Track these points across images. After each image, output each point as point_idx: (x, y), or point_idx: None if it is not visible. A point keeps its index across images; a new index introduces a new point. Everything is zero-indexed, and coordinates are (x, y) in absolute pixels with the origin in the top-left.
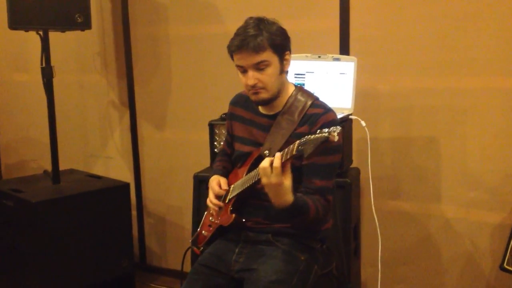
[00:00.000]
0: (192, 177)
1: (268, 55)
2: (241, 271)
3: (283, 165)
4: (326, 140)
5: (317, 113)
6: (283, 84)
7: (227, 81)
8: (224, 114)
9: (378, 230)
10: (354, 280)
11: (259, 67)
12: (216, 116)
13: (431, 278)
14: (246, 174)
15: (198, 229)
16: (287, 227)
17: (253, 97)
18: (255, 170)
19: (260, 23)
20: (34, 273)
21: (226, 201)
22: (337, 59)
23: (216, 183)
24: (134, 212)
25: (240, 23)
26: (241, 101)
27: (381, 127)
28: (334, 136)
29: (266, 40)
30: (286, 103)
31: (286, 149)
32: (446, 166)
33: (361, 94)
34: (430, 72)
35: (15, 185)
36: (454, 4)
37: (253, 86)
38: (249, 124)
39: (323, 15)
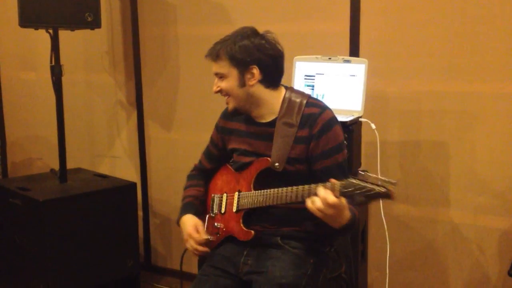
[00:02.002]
0: None
1: (225, 67)
2: (249, 274)
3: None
4: (387, 196)
5: (314, 113)
6: (253, 96)
7: None
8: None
9: (387, 234)
10: (361, 284)
11: (218, 76)
12: None
13: (437, 283)
14: (253, 186)
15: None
16: (295, 230)
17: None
18: (284, 191)
19: (237, 34)
20: (40, 272)
21: (234, 210)
22: (348, 61)
23: (193, 228)
24: (140, 212)
25: (248, 24)
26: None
27: (389, 130)
28: (393, 192)
29: (225, 51)
30: (280, 108)
31: (339, 185)
32: (454, 171)
33: (370, 97)
34: (440, 76)
35: (22, 183)
36: (465, 8)
37: (218, 93)
38: (245, 135)
39: (334, 17)
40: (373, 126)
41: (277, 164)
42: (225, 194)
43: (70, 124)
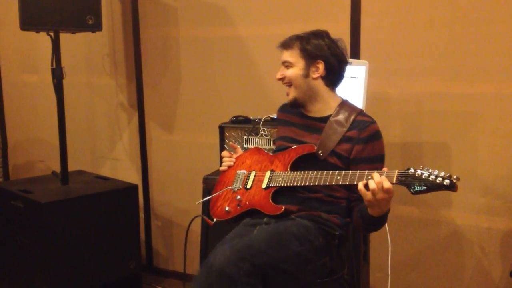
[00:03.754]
0: (202, 180)
1: (294, 56)
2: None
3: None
4: (449, 187)
5: (366, 121)
6: (313, 89)
7: (237, 84)
8: (235, 117)
9: (389, 235)
10: (363, 285)
11: (285, 64)
12: (225, 118)
13: (439, 285)
14: (290, 167)
15: (211, 199)
16: (312, 214)
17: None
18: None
19: (312, 32)
20: (42, 274)
21: (264, 187)
22: (349, 63)
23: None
24: (141, 214)
25: (249, 25)
26: (286, 107)
27: (391, 132)
28: (456, 186)
29: (298, 43)
30: (336, 108)
31: (398, 174)
32: (456, 172)
33: (371, 98)
34: (441, 77)
35: (24, 185)
36: (465, 9)
37: (280, 80)
38: (295, 126)
39: (334, 19)
40: None
41: (321, 152)
42: (253, 172)
43: (71, 127)
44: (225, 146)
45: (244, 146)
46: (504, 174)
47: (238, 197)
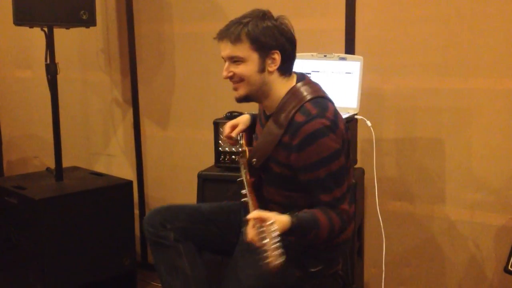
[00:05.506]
0: (196, 175)
1: (244, 50)
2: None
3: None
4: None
5: (299, 122)
6: (267, 84)
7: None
8: (229, 112)
9: (383, 231)
10: (357, 281)
11: (234, 60)
12: (220, 114)
13: (434, 280)
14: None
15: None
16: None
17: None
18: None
19: (255, 16)
20: (36, 270)
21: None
22: (343, 59)
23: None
24: (136, 211)
25: None
26: None
27: (385, 128)
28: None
29: (246, 33)
30: (280, 101)
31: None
32: (450, 167)
33: (366, 94)
34: (436, 72)
35: (18, 182)
36: (460, 5)
37: (230, 79)
38: (259, 123)
39: (329, 14)
40: (368, 123)
41: (254, 160)
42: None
43: (65, 122)
44: (220, 142)
45: (240, 141)
46: (498, 169)
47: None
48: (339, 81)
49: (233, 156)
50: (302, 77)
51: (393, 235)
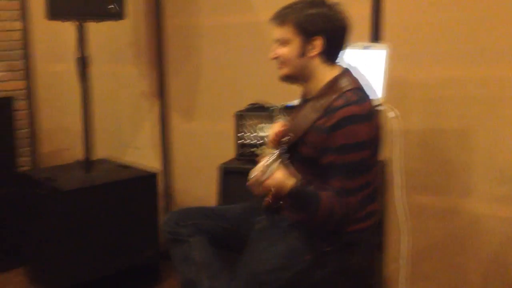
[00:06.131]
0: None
1: (289, 33)
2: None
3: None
4: None
5: (337, 106)
6: (307, 68)
7: (258, 72)
8: (251, 104)
9: (405, 224)
10: (377, 276)
11: (279, 42)
12: (243, 106)
13: (455, 275)
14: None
15: None
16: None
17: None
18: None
19: (305, 1)
20: (61, 261)
21: None
22: (368, 47)
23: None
24: (161, 202)
25: (270, 12)
26: None
27: (410, 118)
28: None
29: (291, 17)
30: (321, 88)
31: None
32: (477, 160)
33: (392, 84)
34: (464, 60)
35: (50, 174)
36: None
37: (274, 59)
38: (297, 109)
39: (354, 1)
40: (394, 114)
41: (286, 138)
42: None
43: (96, 115)
44: (242, 134)
45: (260, 134)
46: None
47: None
48: (364, 70)
49: (252, 149)
50: (347, 69)
51: (415, 229)
